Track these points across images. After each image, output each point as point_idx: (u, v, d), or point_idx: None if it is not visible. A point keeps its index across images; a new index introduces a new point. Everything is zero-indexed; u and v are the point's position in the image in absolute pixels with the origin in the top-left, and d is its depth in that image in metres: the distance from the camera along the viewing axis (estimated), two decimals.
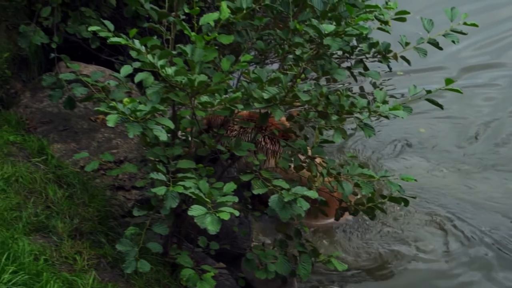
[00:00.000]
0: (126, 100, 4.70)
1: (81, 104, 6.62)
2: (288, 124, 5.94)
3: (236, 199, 4.73)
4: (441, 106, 5.46)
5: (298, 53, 5.19)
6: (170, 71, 4.76)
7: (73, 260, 5.20)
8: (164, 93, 4.93)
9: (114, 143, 6.68)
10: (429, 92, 5.33)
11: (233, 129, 6.98)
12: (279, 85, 5.12)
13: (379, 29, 5.62)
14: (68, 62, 6.37)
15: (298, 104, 5.29)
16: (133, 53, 4.89)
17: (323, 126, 5.40)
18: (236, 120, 6.05)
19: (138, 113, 4.64)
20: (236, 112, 5.39)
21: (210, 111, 5.06)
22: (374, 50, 5.74)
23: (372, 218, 5.87)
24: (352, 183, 5.57)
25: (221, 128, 5.84)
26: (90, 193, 5.95)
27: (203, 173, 5.15)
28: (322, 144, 5.66)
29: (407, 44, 5.67)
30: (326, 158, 5.75)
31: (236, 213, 4.55)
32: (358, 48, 5.76)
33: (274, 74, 5.18)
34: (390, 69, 5.93)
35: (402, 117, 5.15)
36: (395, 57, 5.77)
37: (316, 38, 5.13)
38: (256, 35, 5.74)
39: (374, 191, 5.60)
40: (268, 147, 7.03)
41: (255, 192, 5.21)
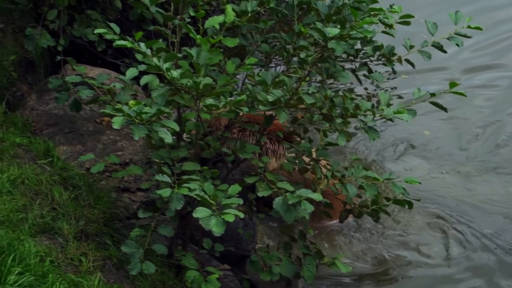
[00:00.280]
0: (131, 102, 4.69)
1: (87, 106, 6.64)
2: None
3: (240, 201, 4.73)
4: (445, 109, 5.44)
5: (303, 56, 5.19)
6: (175, 74, 4.76)
7: (78, 261, 5.20)
8: (169, 95, 4.93)
9: (120, 145, 6.69)
10: (433, 95, 5.33)
11: (232, 131, 6.97)
12: (284, 87, 5.13)
13: (384, 32, 5.63)
14: (74, 65, 6.36)
15: (303, 106, 5.29)
16: (138, 56, 4.90)
17: (328, 128, 5.42)
18: (235, 122, 6.04)
19: (143, 115, 4.63)
20: (241, 114, 5.41)
21: (215, 114, 5.07)
22: (378, 53, 5.75)
23: (376, 221, 5.89)
24: (356, 185, 5.59)
25: (225, 130, 5.85)
26: (96, 195, 5.95)
27: (208, 175, 5.15)
28: (327, 146, 5.68)
29: (412, 47, 5.67)
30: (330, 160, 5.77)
31: (240, 215, 4.54)
32: (363, 51, 5.78)
33: (279, 77, 5.20)
34: (394, 72, 5.94)
35: (406, 120, 5.16)
36: (400, 60, 5.78)
37: (320, 41, 5.15)
38: (261, 38, 5.75)
39: (379, 194, 5.61)
40: (267, 147, 7.02)
41: (260, 194, 5.21)
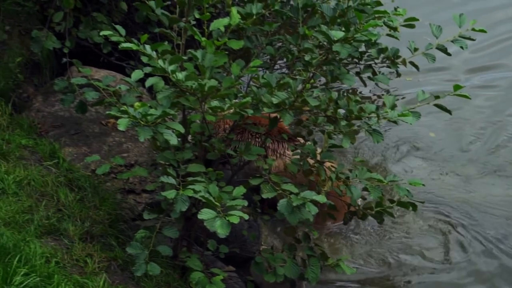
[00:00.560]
0: (137, 104, 4.70)
1: (92, 108, 6.63)
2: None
3: (245, 203, 4.74)
4: (449, 112, 5.46)
5: (307, 58, 5.21)
6: (180, 76, 4.78)
7: (84, 262, 5.21)
8: (174, 97, 4.95)
9: (125, 147, 6.70)
10: (437, 97, 5.34)
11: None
12: (288, 90, 5.15)
13: (388, 35, 5.64)
14: (80, 67, 6.38)
15: (307, 108, 5.30)
16: (144, 58, 4.91)
17: (332, 131, 5.43)
18: (239, 124, 6.05)
19: (148, 117, 4.65)
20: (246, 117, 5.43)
21: (220, 116, 5.08)
22: (383, 55, 5.76)
23: (380, 223, 5.90)
24: (360, 187, 5.60)
25: (230, 132, 5.86)
26: (101, 196, 5.96)
27: (213, 177, 5.17)
28: (331, 148, 5.69)
29: (416, 49, 5.69)
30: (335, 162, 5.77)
31: (245, 216, 4.56)
32: (367, 53, 5.79)
33: (283, 79, 5.21)
34: (398, 74, 5.95)
35: (411, 123, 5.17)
36: (404, 62, 5.79)
37: (325, 44, 5.16)
38: (266, 41, 5.77)
39: (383, 196, 5.62)
40: (267, 146, 7.00)
41: (264, 196, 5.22)
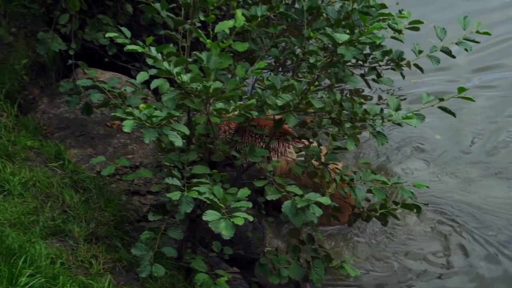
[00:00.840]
0: (142, 106, 4.72)
1: (97, 110, 6.68)
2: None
3: (250, 205, 4.75)
4: (453, 114, 5.46)
5: (312, 60, 5.22)
6: (185, 78, 4.79)
7: (89, 263, 5.23)
8: (179, 99, 4.97)
9: (130, 149, 6.72)
10: (441, 100, 5.35)
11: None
12: (293, 92, 5.16)
13: (393, 38, 5.65)
14: (85, 69, 6.39)
15: (312, 111, 5.30)
16: (149, 60, 4.92)
17: (337, 133, 5.44)
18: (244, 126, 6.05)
19: (154, 119, 4.66)
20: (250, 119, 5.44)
21: (224, 118, 5.09)
22: (387, 57, 5.77)
23: (384, 225, 5.90)
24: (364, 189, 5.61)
25: (234, 134, 5.87)
26: (106, 197, 5.98)
27: (218, 178, 5.18)
28: (336, 150, 5.69)
29: (420, 52, 5.69)
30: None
31: (250, 218, 4.57)
32: (372, 55, 5.80)
33: (288, 81, 5.22)
34: (403, 76, 5.95)
35: (415, 126, 5.18)
36: (408, 64, 5.79)
37: (330, 46, 5.17)
38: (270, 43, 5.78)
39: (387, 198, 5.62)
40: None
41: (269, 198, 5.21)
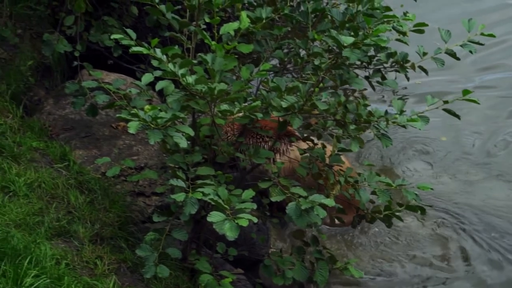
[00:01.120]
0: (147, 107, 4.74)
1: (103, 111, 6.69)
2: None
3: (254, 206, 4.75)
4: (458, 117, 5.46)
5: (317, 62, 5.23)
6: (190, 80, 4.80)
7: (94, 264, 5.24)
8: (184, 101, 4.98)
9: (135, 150, 6.73)
10: (446, 102, 5.35)
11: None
12: (298, 94, 5.16)
13: (397, 40, 5.65)
14: (90, 70, 6.41)
15: (316, 112, 5.31)
16: (154, 62, 4.94)
17: (341, 135, 5.44)
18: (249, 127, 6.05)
19: (159, 120, 4.68)
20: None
21: (229, 119, 5.10)
22: (392, 60, 5.77)
23: (389, 226, 5.90)
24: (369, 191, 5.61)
25: (240, 136, 5.88)
26: (111, 199, 6.00)
27: (222, 180, 5.19)
28: (340, 152, 5.70)
29: (425, 54, 5.70)
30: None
31: (254, 219, 4.57)
32: (376, 57, 5.80)
33: (292, 83, 5.23)
34: (407, 78, 5.96)
35: (420, 128, 5.18)
36: (413, 67, 5.80)
37: (334, 48, 5.18)
38: (275, 45, 5.78)
39: (391, 199, 5.62)
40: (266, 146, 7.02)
41: (273, 199, 5.23)
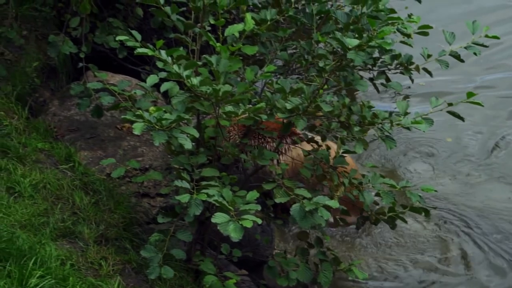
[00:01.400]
0: (152, 109, 4.75)
1: (108, 112, 6.70)
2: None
3: (258, 207, 4.76)
4: (462, 119, 5.47)
5: (321, 64, 5.23)
6: (195, 81, 4.81)
7: (98, 265, 5.25)
8: (189, 102, 4.99)
9: (140, 151, 6.73)
10: (450, 104, 5.35)
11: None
12: (302, 95, 5.17)
13: (402, 42, 5.66)
14: (95, 72, 6.42)
15: (321, 114, 5.32)
16: (159, 63, 4.95)
17: (345, 136, 5.45)
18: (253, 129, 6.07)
19: (163, 121, 4.69)
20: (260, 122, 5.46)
21: (234, 121, 5.11)
22: (396, 62, 5.78)
23: (393, 228, 5.90)
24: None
25: (244, 137, 5.89)
26: (116, 200, 6.00)
27: (227, 181, 5.20)
28: (344, 154, 5.71)
29: (429, 56, 5.70)
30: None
31: (258, 221, 4.58)
32: (381, 59, 5.81)
33: (297, 84, 5.24)
34: (412, 80, 5.96)
35: (424, 130, 5.18)
36: (417, 69, 5.80)
37: (339, 50, 5.18)
38: (280, 46, 5.79)
39: (395, 201, 5.63)
40: (268, 143, 7.03)
41: (277, 200, 5.23)
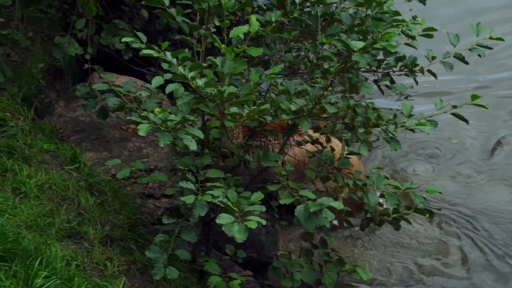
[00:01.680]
0: (157, 110, 4.76)
1: (113, 113, 6.70)
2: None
3: (263, 208, 4.77)
4: (466, 121, 5.47)
5: (326, 66, 5.24)
6: (200, 83, 4.83)
7: (104, 266, 5.26)
8: (194, 103, 5.00)
9: (145, 152, 6.74)
10: (455, 107, 5.36)
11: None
12: (307, 97, 5.18)
13: (406, 44, 5.67)
14: (101, 73, 6.43)
15: (325, 116, 5.32)
16: (164, 65, 4.97)
17: (350, 138, 5.45)
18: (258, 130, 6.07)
19: (168, 123, 4.70)
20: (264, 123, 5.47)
21: (238, 122, 5.13)
22: (401, 64, 5.78)
23: (397, 229, 5.90)
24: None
25: (249, 138, 5.90)
26: (121, 200, 6.01)
27: (232, 182, 5.21)
28: (349, 155, 5.71)
29: (434, 58, 5.71)
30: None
31: (263, 222, 4.59)
32: (385, 61, 5.81)
33: (301, 86, 5.25)
34: (416, 82, 5.97)
35: (428, 132, 5.19)
36: (422, 71, 5.81)
37: (344, 52, 5.19)
38: (284, 48, 5.80)
39: (399, 202, 5.63)
40: (268, 142, 7.03)
41: (282, 202, 5.23)
